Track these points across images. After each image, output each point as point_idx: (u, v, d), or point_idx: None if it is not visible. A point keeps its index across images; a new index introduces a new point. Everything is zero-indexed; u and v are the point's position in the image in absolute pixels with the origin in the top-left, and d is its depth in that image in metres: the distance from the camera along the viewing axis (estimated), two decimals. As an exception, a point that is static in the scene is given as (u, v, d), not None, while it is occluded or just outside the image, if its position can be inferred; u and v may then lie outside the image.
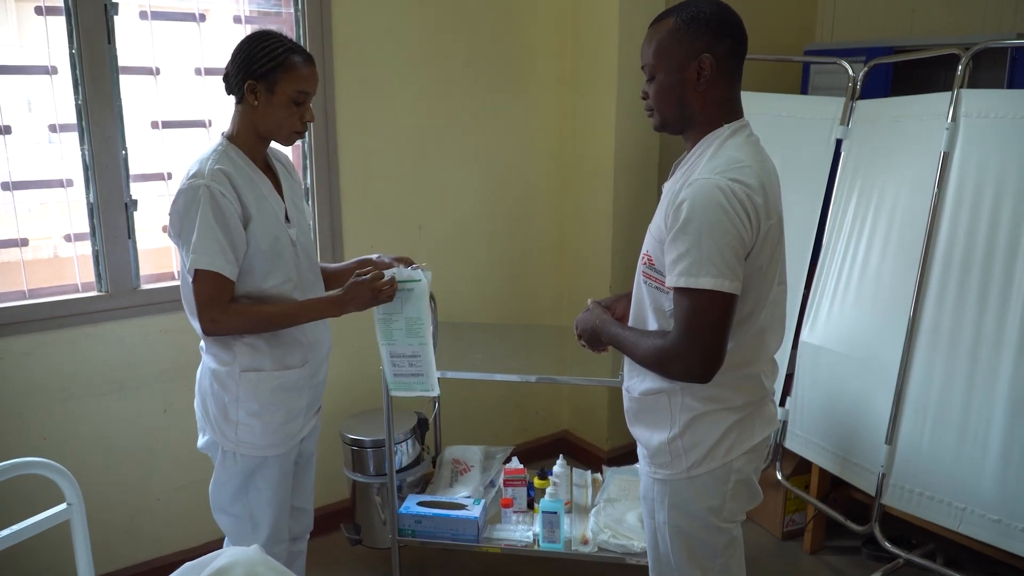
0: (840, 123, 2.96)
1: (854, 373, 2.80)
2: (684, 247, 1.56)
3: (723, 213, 1.53)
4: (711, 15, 1.63)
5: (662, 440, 1.76)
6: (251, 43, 1.96)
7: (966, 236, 2.52)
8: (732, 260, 1.55)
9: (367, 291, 2.05)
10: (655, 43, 1.69)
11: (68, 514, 1.86)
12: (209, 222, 1.90)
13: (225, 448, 2.10)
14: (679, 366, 1.62)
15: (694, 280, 1.54)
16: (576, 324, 1.93)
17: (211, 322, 1.95)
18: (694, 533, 1.78)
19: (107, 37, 2.57)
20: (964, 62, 2.58)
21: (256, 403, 2.06)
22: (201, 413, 2.15)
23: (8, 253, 2.61)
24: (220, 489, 2.16)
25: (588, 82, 3.54)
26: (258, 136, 2.03)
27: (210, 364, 2.08)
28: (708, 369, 1.60)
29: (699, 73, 1.64)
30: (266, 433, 2.09)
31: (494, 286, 3.63)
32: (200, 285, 1.93)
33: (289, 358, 2.10)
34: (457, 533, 2.75)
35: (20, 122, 2.57)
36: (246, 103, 1.97)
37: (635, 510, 2.80)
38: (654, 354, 1.65)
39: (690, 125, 1.71)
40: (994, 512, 2.42)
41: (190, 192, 1.90)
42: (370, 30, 3.08)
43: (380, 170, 3.22)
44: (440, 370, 2.71)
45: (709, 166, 1.60)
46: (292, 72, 1.95)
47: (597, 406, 3.79)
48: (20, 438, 2.62)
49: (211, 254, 1.91)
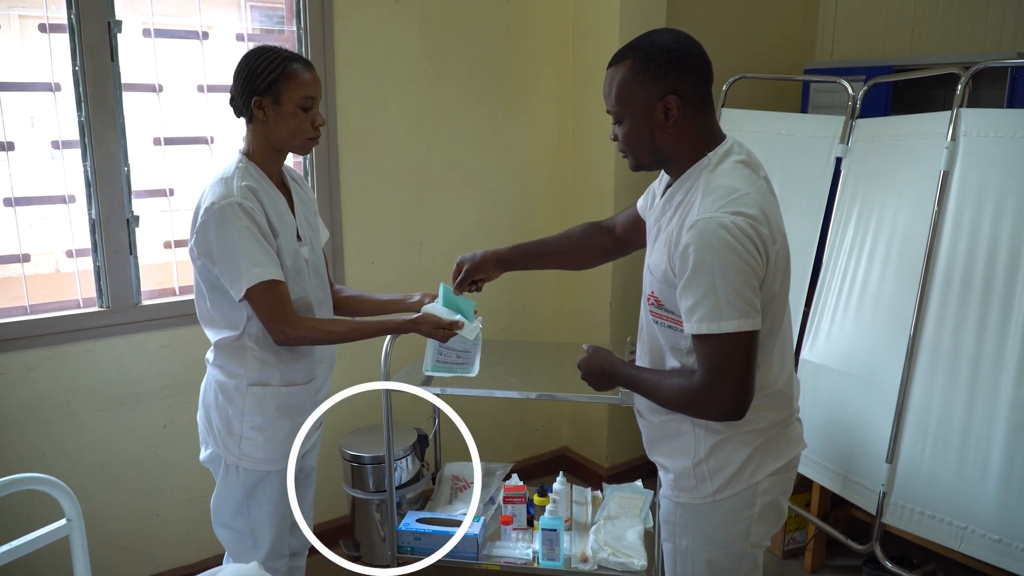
0: (840, 142, 2.97)
1: (854, 391, 2.80)
2: (700, 293, 1.52)
3: (733, 252, 1.49)
4: (669, 52, 1.58)
5: (686, 465, 1.72)
6: (249, 61, 1.98)
7: (966, 255, 2.52)
8: (750, 296, 1.51)
9: (435, 329, 2.13)
10: (616, 88, 1.64)
11: (67, 530, 1.85)
12: (250, 236, 1.92)
13: (228, 461, 2.11)
14: (712, 408, 1.58)
15: (716, 326, 1.51)
16: (580, 367, 1.86)
17: (281, 333, 1.96)
18: (719, 560, 1.74)
19: (110, 54, 2.59)
20: (964, 81, 2.59)
21: (261, 417, 2.08)
22: (204, 426, 2.15)
23: (10, 268, 2.62)
24: (222, 503, 2.16)
25: (588, 100, 3.55)
26: (274, 150, 2.04)
27: (217, 376, 2.09)
28: (741, 406, 1.56)
29: (666, 114, 1.60)
30: (269, 447, 2.11)
31: (494, 302, 3.63)
32: (262, 299, 1.93)
33: (296, 374, 2.12)
34: (456, 550, 2.74)
35: (23, 138, 2.58)
36: (256, 120, 1.99)
37: (635, 528, 2.79)
38: (683, 397, 1.61)
39: (668, 163, 1.68)
40: (995, 532, 2.41)
41: (224, 212, 1.90)
42: (372, 48, 3.10)
43: (381, 186, 3.23)
44: (440, 387, 2.73)
45: (706, 203, 1.55)
46: (294, 79, 1.97)
47: (597, 423, 3.78)
48: (20, 453, 2.62)
49: (263, 265, 1.92)
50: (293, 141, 2.02)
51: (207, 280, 2.02)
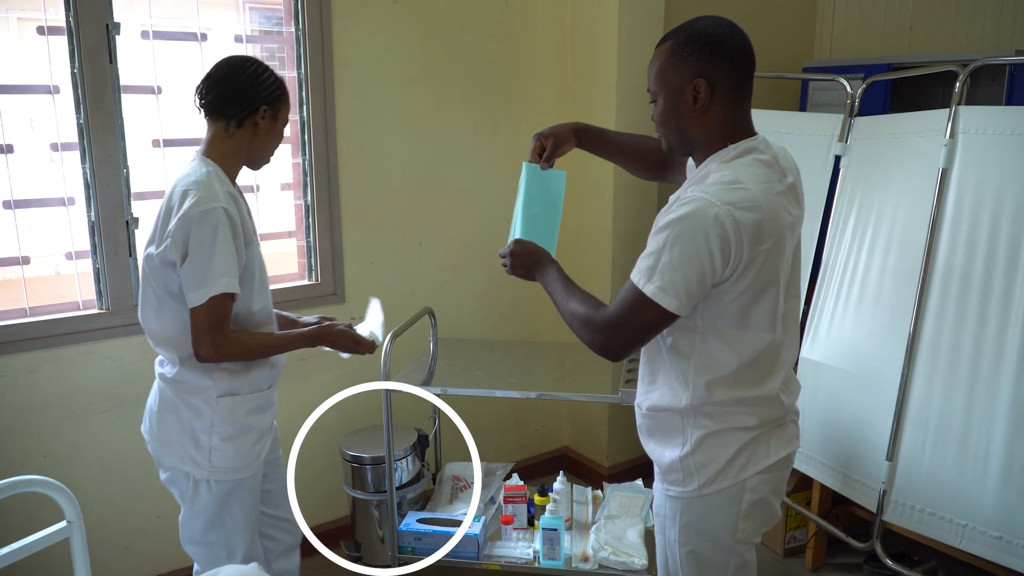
0: (839, 140, 2.97)
1: (854, 389, 2.80)
2: (654, 247, 1.57)
3: (698, 241, 1.52)
4: (706, 37, 1.60)
5: (674, 458, 1.74)
6: (251, 68, 1.98)
7: (965, 252, 2.52)
8: (690, 283, 1.54)
9: (346, 340, 2.17)
10: (656, 67, 1.67)
11: (68, 532, 1.86)
12: (228, 245, 1.89)
13: (198, 477, 2.05)
14: (594, 340, 1.65)
15: (643, 281, 1.57)
16: (514, 249, 1.91)
17: (214, 347, 1.92)
18: (705, 552, 1.76)
19: (109, 56, 2.59)
20: (962, 79, 2.59)
21: (231, 427, 2.04)
22: (158, 445, 2.08)
23: (10, 271, 2.62)
24: (194, 520, 2.10)
25: (587, 101, 3.56)
26: (243, 159, 2.04)
27: (178, 392, 2.03)
28: (619, 355, 1.67)
29: (695, 97, 1.62)
30: (239, 456, 2.07)
31: (494, 303, 3.64)
32: (211, 309, 1.89)
33: (262, 380, 2.11)
34: (457, 550, 2.74)
35: (22, 141, 2.58)
36: (248, 127, 1.99)
37: (636, 527, 2.79)
38: (580, 319, 1.68)
39: (694, 147, 1.70)
40: (995, 529, 2.41)
41: (209, 216, 1.87)
42: (370, 49, 3.10)
43: (380, 187, 3.23)
44: (440, 387, 2.73)
45: (705, 185, 1.58)
46: (288, 101, 2.05)
47: (597, 423, 3.78)
48: (20, 456, 2.62)
49: (230, 275, 1.90)
50: (267, 155, 2.08)
51: (167, 290, 1.95)
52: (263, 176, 2.99)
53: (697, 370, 1.68)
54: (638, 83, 3.44)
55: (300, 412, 3.14)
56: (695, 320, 1.65)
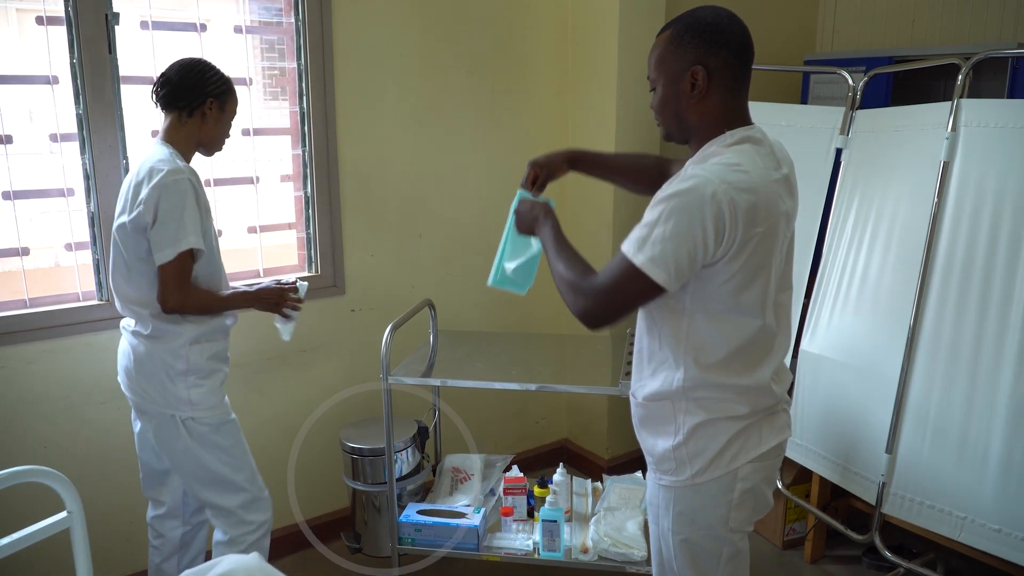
0: (840, 133, 2.96)
1: (854, 382, 2.80)
2: (649, 219, 1.58)
3: (694, 216, 1.53)
4: (705, 26, 1.63)
5: (667, 447, 1.76)
6: (200, 66, 2.28)
7: (966, 245, 2.52)
8: (680, 258, 1.55)
9: (277, 296, 2.44)
10: (655, 55, 1.70)
11: (68, 522, 1.86)
12: (194, 209, 2.19)
13: (182, 416, 2.33)
14: (578, 304, 1.65)
15: (635, 252, 1.57)
16: (523, 205, 2.00)
17: (181, 298, 2.20)
18: (698, 541, 1.78)
19: (108, 47, 2.58)
20: (964, 72, 2.58)
21: (202, 369, 2.33)
22: (143, 397, 2.34)
23: (9, 262, 2.62)
24: (187, 457, 2.37)
25: (588, 92, 3.55)
26: (196, 146, 2.33)
27: (151, 346, 2.29)
28: (599, 323, 1.65)
29: (693, 84, 1.64)
30: (211, 394, 2.36)
31: (494, 295, 3.62)
32: (180, 264, 2.18)
33: (219, 332, 2.40)
34: (457, 541, 2.75)
35: (21, 132, 2.57)
36: (197, 116, 2.27)
37: (635, 519, 2.79)
38: (568, 281, 1.69)
39: (691, 135, 1.72)
40: (994, 521, 2.42)
41: (178, 185, 2.16)
42: (370, 40, 3.09)
43: (380, 179, 3.23)
44: (440, 378, 2.73)
45: (707, 164, 1.60)
46: (235, 96, 2.36)
47: (597, 415, 3.79)
48: (21, 446, 2.62)
49: (196, 234, 2.19)
50: (218, 143, 2.37)
51: (137, 255, 2.23)
52: (263, 168, 2.99)
53: (688, 354, 1.69)
54: (639, 74, 3.43)
55: (299, 405, 3.14)
56: (686, 303, 1.66)
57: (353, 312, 3.25)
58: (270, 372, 3.04)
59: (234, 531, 2.44)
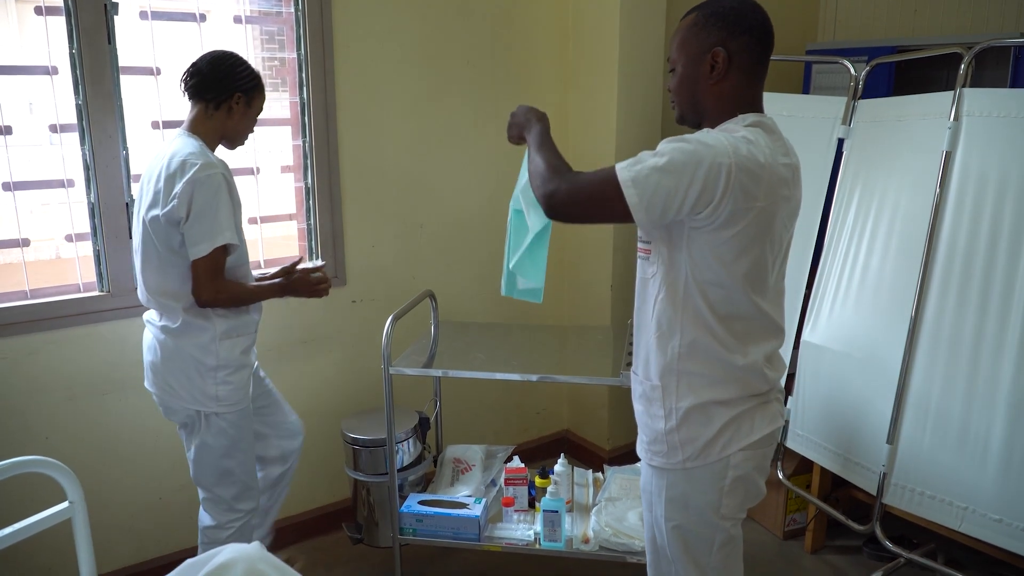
0: (842, 123, 2.95)
1: (856, 373, 2.80)
2: (655, 150, 1.59)
3: (695, 164, 1.53)
4: (730, 10, 1.67)
5: (659, 430, 1.78)
6: (230, 60, 2.29)
7: (968, 236, 2.51)
8: (660, 193, 1.55)
9: (308, 287, 2.54)
10: (679, 37, 1.74)
11: (70, 512, 1.86)
12: (228, 204, 2.23)
13: (207, 412, 2.36)
14: (552, 185, 1.65)
15: (624, 167, 1.57)
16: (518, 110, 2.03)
17: (215, 292, 2.25)
18: (690, 527, 1.80)
19: (107, 37, 2.57)
20: (967, 61, 2.57)
21: (232, 364, 2.36)
22: (169, 394, 2.36)
23: (10, 254, 2.62)
24: (208, 453, 2.40)
25: (589, 83, 3.54)
26: (220, 139, 2.35)
27: (181, 340, 2.31)
28: (560, 209, 1.65)
29: (712, 66, 1.68)
30: (237, 389, 2.39)
31: (495, 285, 3.62)
32: (214, 259, 2.21)
33: (250, 325, 2.44)
34: (458, 532, 2.75)
35: (21, 122, 2.57)
36: (223, 110, 2.30)
37: (636, 509, 2.80)
38: (553, 164, 1.71)
39: (704, 118, 1.74)
40: (995, 511, 2.42)
41: (213, 180, 2.19)
42: (371, 29, 3.08)
43: (381, 169, 3.22)
44: (441, 369, 2.73)
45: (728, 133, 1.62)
46: (263, 92, 2.39)
47: (598, 405, 3.79)
48: (23, 437, 2.62)
49: (230, 229, 2.23)
50: (242, 137, 2.40)
51: (169, 247, 2.24)
52: (263, 158, 2.98)
53: (686, 318, 1.70)
54: (640, 65, 3.42)
55: (302, 394, 3.14)
56: (684, 271, 1.67)
57: (354, 303, 3.25)
58: (271, 363, 3.04)
59: (222, 517, 2.49)
